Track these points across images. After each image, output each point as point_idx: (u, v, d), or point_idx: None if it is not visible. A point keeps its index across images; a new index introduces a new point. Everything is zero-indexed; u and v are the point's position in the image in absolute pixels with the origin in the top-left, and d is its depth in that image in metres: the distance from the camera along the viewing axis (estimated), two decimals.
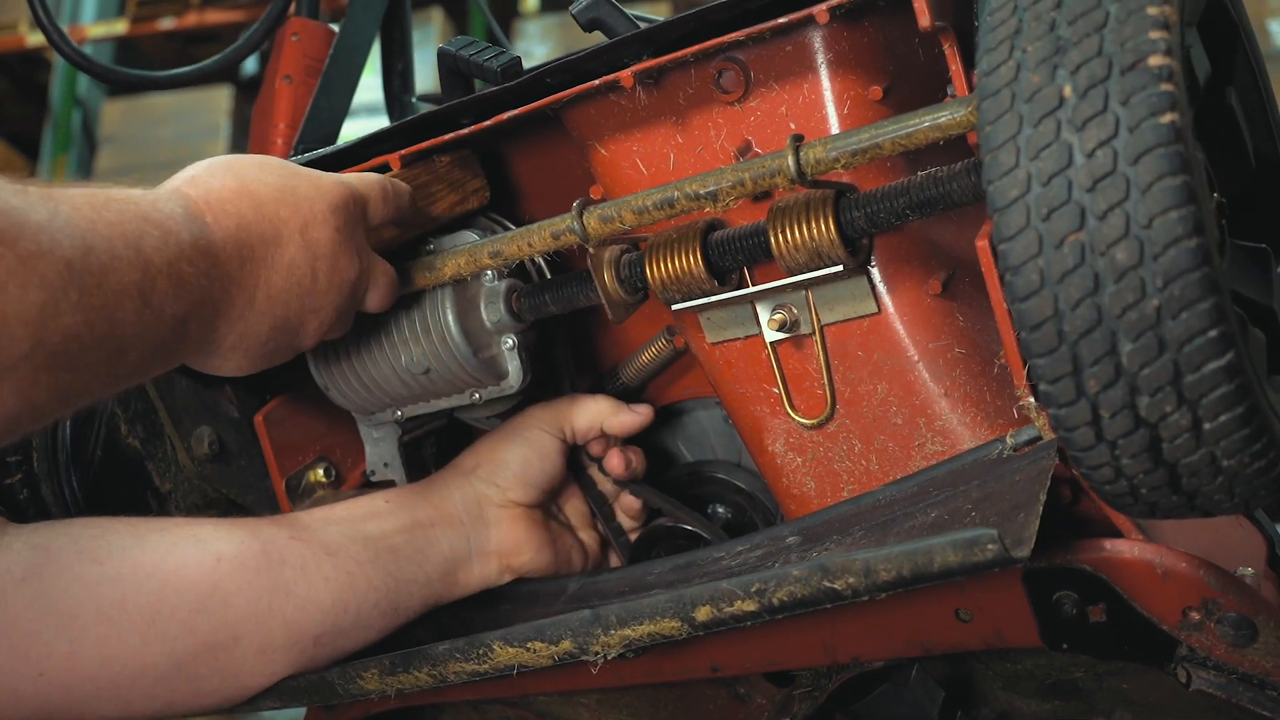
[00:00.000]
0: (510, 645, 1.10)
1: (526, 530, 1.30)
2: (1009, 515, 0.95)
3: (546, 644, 1.08)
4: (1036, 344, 0.82)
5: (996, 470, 1.04)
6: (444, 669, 1.13)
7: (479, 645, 1.11)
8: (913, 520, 1.05)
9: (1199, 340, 0.78)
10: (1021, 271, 0.81)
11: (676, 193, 1.07)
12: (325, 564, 1.18)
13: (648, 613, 1.04)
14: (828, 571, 0.96)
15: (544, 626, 1.09)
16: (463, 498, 1.29)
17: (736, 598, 0.99)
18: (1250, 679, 0.99)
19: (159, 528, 1.16)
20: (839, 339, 1.16)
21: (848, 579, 0.95)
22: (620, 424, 1.33)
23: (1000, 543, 0.89)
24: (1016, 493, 0.98)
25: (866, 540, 1.05)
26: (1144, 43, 0.79)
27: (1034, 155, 0.80)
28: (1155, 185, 0.77)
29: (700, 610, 1.01)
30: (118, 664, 1.11)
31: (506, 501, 1.30)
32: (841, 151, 1.00)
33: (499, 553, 1.29)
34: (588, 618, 1.06)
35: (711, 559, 1.18)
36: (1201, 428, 0.80)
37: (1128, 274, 0.78)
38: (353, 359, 1.27)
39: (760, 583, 0.99)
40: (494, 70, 1.24)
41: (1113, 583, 1.00)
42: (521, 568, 1.30)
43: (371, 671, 1.16)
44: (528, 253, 1.15)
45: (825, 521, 1.13)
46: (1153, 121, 0.77)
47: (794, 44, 1.14)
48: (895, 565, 0.93)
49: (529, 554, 1.29)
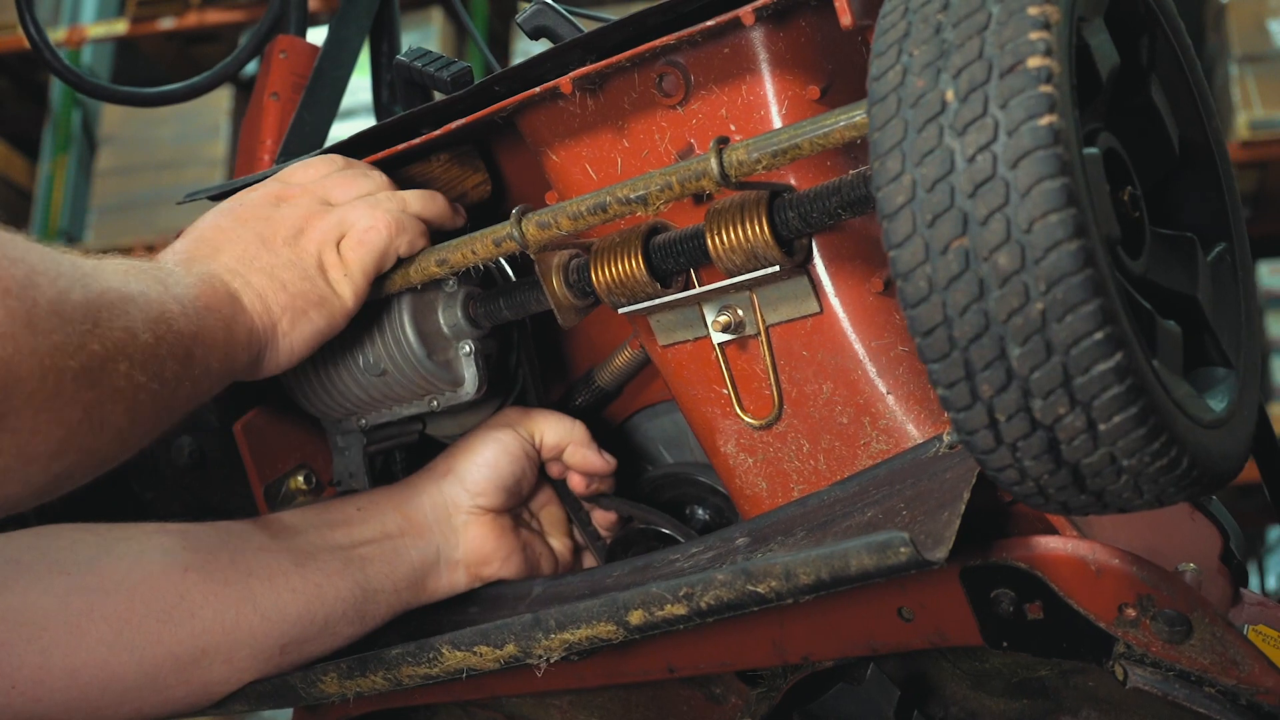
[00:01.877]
0: (458, 649, 1.12)
1: (495, 539, 1.30)
2: (933, 514, 0.95)
3: (492, 648, 1.10)
4: (929, 349, 0.82)
5: (930, 468, 1.04)
6: (397, 673, 1.15)
7: (429, 649, 1.13)
8: (850, 520, 1.05)
9: (1085, 342, 0.77)
10: (910, 278, 0.81)
11: (608, 197, 1.08)
12: (293, 575, 1.20)
13: (584, 616, 1.05)
14: (750, 575, 0.96)
15: (489, 631, 1.10)
16: (432, 505, 1.30)
17: (666, 601, 1.01)
18: (1187, 676, 0.99)
19: (126, 536, 1.19)
20: (784, 339, 1.16)
21: (770, 583, 0.96)
22: (583, 458, 1.33)
23: (912, 545, 0.89)
24: (944, 491, 0.98)
25: (807, 540, 1.06)
26: (1023, 44, 0.78)
27: (918, 161, 0.80)
28: (1034, 189, 0.76)
29: (633, 614, 1.03)
30: (87, 674, 1.13)
31: (475, 508, 1.30)
32: (763, 153, 1.01)
33: (466, 562, 1.30)
34: (528, 621, 1.08)
35: (668, 561, 1.19)
36: (1097, 429, 0.80)
37: (1011, 279, 0.78)
38: (313, 361, 1.29)
39: (688, 587, 1.00)
40: (444, 80, 1.26)
41: (1048, 580, 1.00)
42: (490, 576, 1.30)
43: (330, 675, 1.19)
44: (472, 260, 1.16)
45: (773, 523, 1.13)
46: (1031, 124, 0.77)
47: (730, 46, 1.14)
48: (814, 569, 0.93)
49: (496, 563, 1.30)
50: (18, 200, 5.49)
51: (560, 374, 1.45)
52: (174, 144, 4.95)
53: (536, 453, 1.34)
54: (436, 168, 1.31)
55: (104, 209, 5.15)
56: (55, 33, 5.25)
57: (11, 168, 5.50)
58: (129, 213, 5.07)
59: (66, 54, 5.31)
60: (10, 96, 5.89)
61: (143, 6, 5.18)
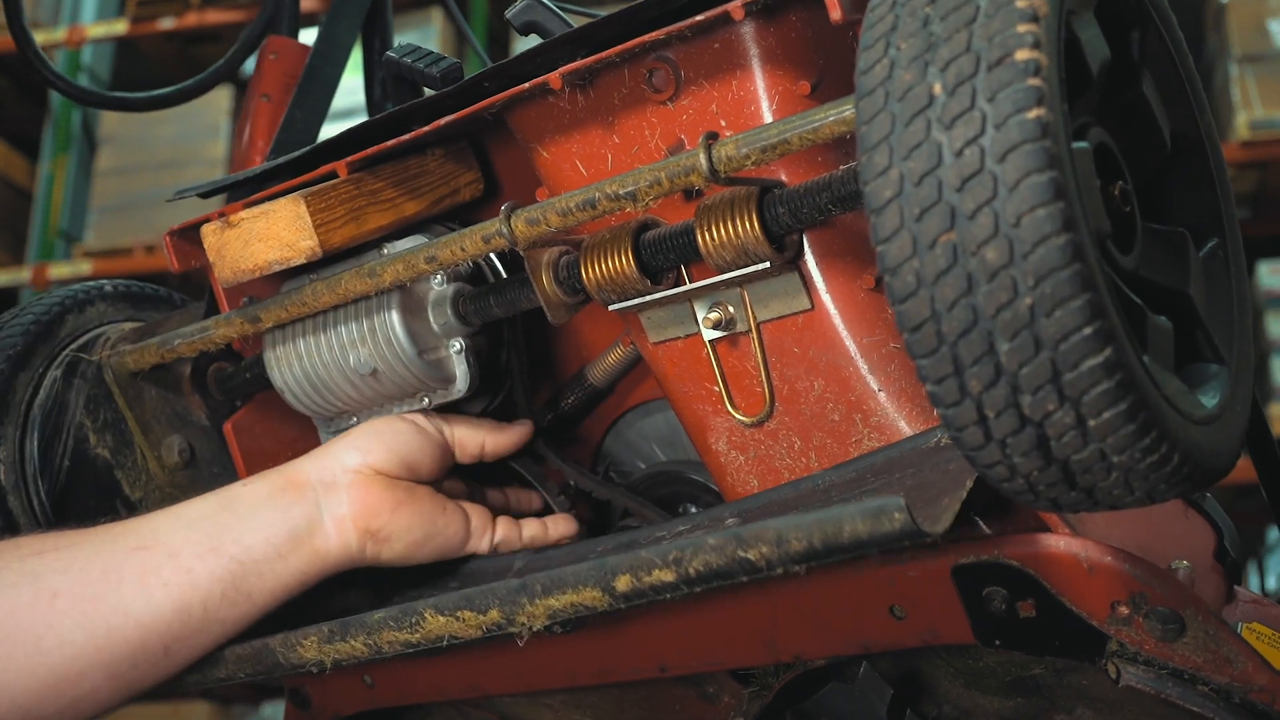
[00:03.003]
0: (440, 614, 1.09)
1: (380, 491, 1.22)
2: (933, 500, 0.94)
3: (475, 613, 1.07)
4: (917, 345, 0.81)
5: (932, 458, 1.03)
6: (378, 638, 1.11)
7: (411, 614, 1.10)
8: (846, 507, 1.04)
9: (1074, 338, 0.77)
10: (898, 273, 0.80)
11: (597, 193, 1.07)
12: (165, 568, 1.15)
13: (570, 581, 1.02)
14: (741, 540, 0.94)
15: (473, 595, 1.07)
16: (316, 465, 1.24)
17: (655, 566, 0.98)
18: (1180, 674, 0.98)
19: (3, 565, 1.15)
20: (775, 336, 1.15)
21: (760, 548, 0.93)
22: (496, 443, 1.31)
23: (908, 511, 0.87)
24: (946, 480, 0.97)
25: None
26: (1011, 37, 0.77)
27: (905, 155, 0.79)
28: (1022, 182, 0.76)
29: (620, 579, 1.00)
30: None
31: (364, 465, 1.23)
32: (752, 148, 1.00)
33: (353, 516, 1.22)
34: (514, 586, 1.05)
35: (653, 537, 1.17)
36: (1086, 425, 0.79)
37: (999, 273, 0.77)
38: (304, 360, 1.28)
39: (677, 551, 0.97)
40: (434, 76, 1.25)
41: (1040, 578, 0.99)
42: (382, 531, 1.22)
43: (311, 639, 1.15)
44: (461, 257, 1.15)
45: (765, 504, 1.12)
46: (1019, 118, 0.76)
47: (720, 41, 1.13)
48: (806, 534, 0.91)
49: (386, 515, 1.22)
50: (18, 200, 5.48)
51: (550, 372, 1.45)
52: (174, 144, 4.94)
53: (444, 441, 1.29)
54: (432, 163, 1.30)
55: (104, 209, 5.15)
56: (55, 33, 5.25)
57: (11, 168, 5.49)
58: (129, 213, 5.07)
59: (66, 54, 5.31)
60: (10, 96, 5.89)
61: (143, 6, 5.17)
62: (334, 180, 1.25)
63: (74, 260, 5.11)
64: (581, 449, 1.46)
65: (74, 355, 1.40)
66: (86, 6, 5.44)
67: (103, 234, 5.09)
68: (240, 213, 1.26)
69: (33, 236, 5.30)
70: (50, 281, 5.03)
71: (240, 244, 1.25)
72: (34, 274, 5.10)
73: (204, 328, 1.33)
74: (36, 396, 1.36)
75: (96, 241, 5.08)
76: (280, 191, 1.28)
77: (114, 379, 1.39)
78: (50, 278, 5.05)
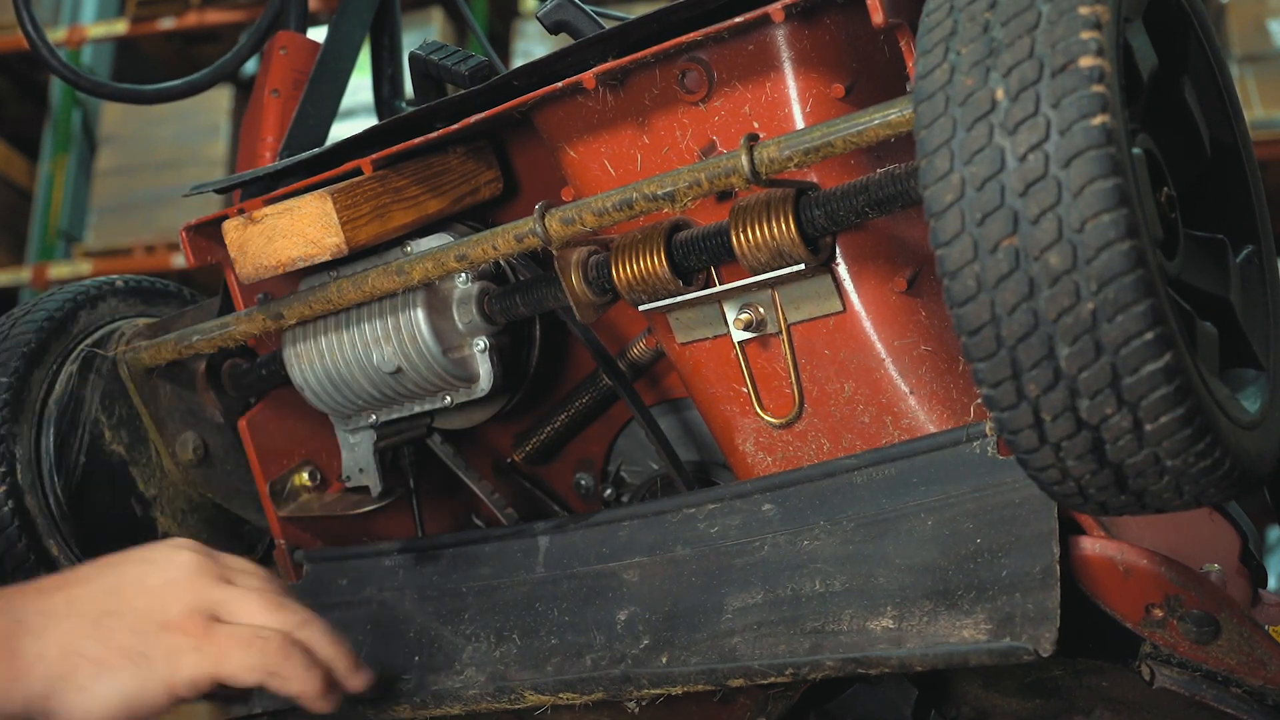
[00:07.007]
0: (541, 694, 1.15)
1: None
2: (1023, 577, 0.97)
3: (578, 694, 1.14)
4: (975, 348, 0.81)
5: (991, 483, 1.03)
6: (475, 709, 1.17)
7: (509, 692, 1.16)
8: (909, 524, 1.04)
9: (1136, 342, 0.77)
10: (958, 277, 0.81)
11: (635, 194, 1.07)
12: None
13: (678, 679, 1.08)
14: (861, 664, 1.00)
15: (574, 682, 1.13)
16: None
17: (770, 674, 1.04)
18: (1214, 676, 0.99)
19: None
20: (806, 338, 1.16)
21: (881, 669, 0.99)
22: None
23: (1035, 653, 0.92)
24: (1024, 545, 0.98)
25: (860, 536, 1.06)
26: (1075, 43, 0.78)
27: (967, 160, 0.80)
28: (1087, 189, 0.76)
29: (733, 680, 1.06)
30: None
31: None
32: (795, 150, 1.00)
33: None
34: (617, 676, 1.10)
35: (685, 517, 1.17)
36: (1143, 429, 0.80)
37: (1062, 278, 0.78)
38: (326, 358, 1.28)
39: (793, 668, 1.03)
40: (462, 74, 1.25)
41: (1075, 579, 1.00)
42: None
43: (403, 706, 1.20)
44: (493, 256, 1.15)
45: (803, 493, 1.12)
46: (1084, 124, 0.77)
47: (755, 43, 1.13)
48: (930, 662, 0.97)
49: None
50: (18, 200, 5.43)
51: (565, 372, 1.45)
52: (174, 144, 4.90)
53: None
54: (453, 160, 1.30)
55: (104, 209, 5.11)
56: (55, 33, 5.20)
57: (11, 168, 5.43)
58: (129, 213, 5.03)
59: (66, 54, 5.26)
60: (10, 96, 5.84)
61: (143, 6, 5.14)
62: (359, 177, 1.25)
63: (74, 260, 5.07)
64: (594, 447, 1.46)
65: (89, 351, 1.38)
66: (86, 6, 5.40)
67: (103, 234, 5.05)
68: (263, 209, 1.25)
69: (33, 236, 5.25)
70: (50, 281, 4.98)
71: (263, 240, 1.24)
72: (34, 274, 5.06)
73: (224, 324, 1.32)
74: (52, 393, 1.35)
75: (96, 241, 5.04)
76: (302, 188, 1.27)
77: (129, 375, 1.37)
78: (50, 278, 5.01)
